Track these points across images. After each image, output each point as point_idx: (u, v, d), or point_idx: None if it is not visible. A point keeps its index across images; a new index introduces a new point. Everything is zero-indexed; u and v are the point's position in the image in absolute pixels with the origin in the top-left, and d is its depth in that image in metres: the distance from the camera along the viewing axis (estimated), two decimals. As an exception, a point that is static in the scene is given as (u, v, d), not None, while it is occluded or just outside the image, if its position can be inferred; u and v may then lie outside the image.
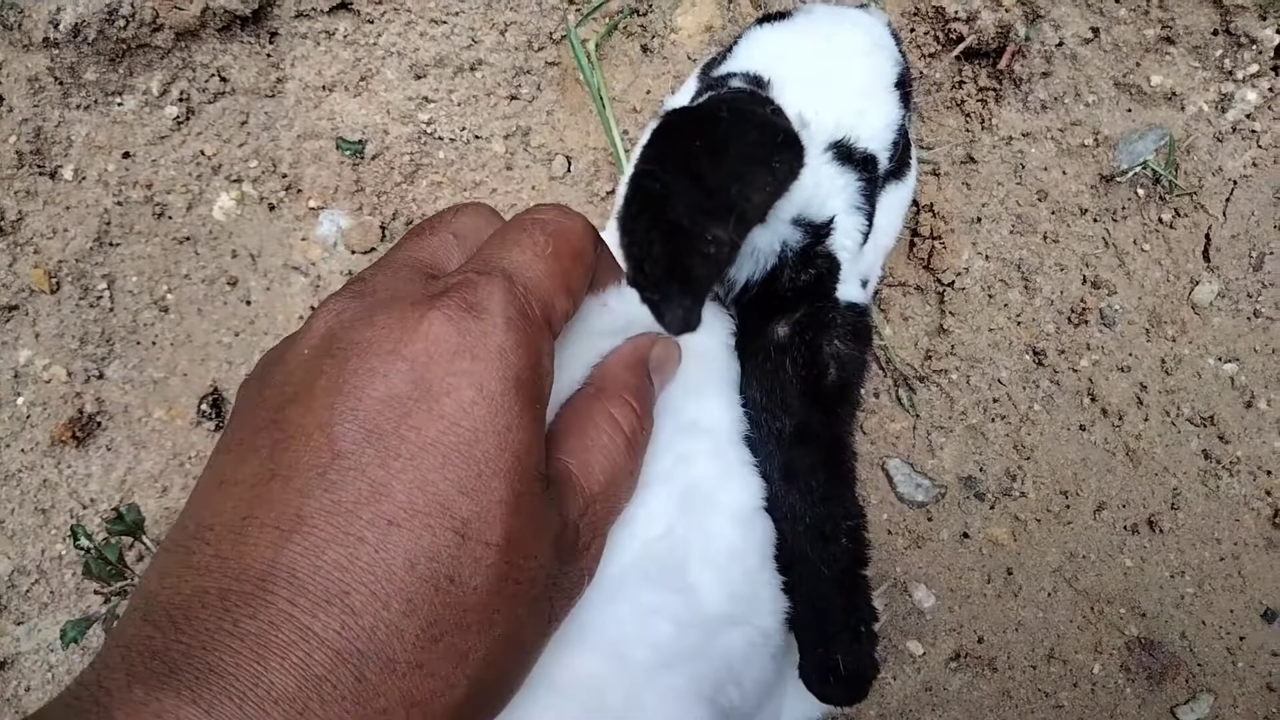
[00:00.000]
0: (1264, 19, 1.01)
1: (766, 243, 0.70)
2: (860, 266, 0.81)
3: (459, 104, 1.08)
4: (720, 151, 0.59)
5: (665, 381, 0.64)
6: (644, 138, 0.80)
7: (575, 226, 0.52)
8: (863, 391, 0.82)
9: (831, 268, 0.73)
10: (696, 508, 0.64)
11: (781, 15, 0.85)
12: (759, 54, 0.81)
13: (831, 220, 0.73)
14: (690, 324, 0.56)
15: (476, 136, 1.09)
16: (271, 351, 0.47)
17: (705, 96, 0.77)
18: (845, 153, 0.76)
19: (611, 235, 0.70)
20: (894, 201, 0.87)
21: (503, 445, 0.42)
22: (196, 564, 0.38)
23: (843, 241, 0.74)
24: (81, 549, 0.91)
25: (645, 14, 1.08)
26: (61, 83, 1.03)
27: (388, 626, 0.38)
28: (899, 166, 0.85)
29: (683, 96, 0.87)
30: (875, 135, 0.78)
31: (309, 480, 0.39)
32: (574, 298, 0.51)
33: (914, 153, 0.91)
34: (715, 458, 0.68)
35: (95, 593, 1.03)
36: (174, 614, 0.36)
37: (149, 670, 0.35)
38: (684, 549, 0.63)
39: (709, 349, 0.72)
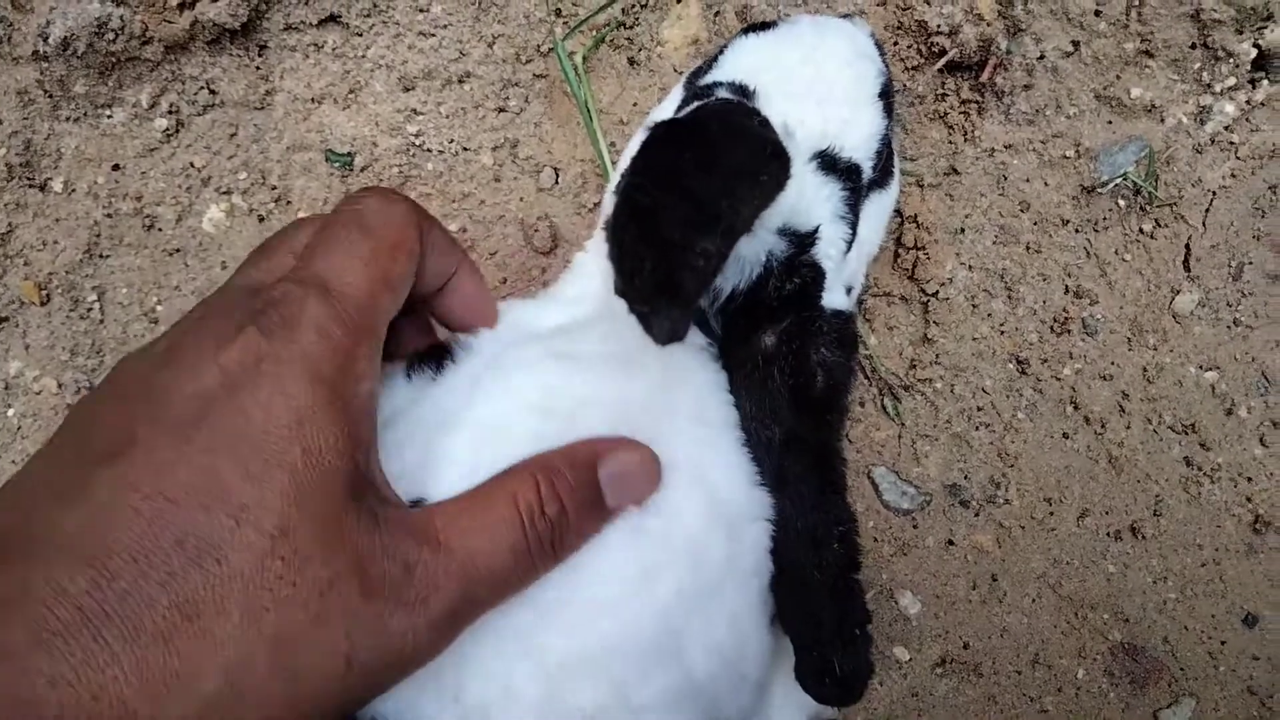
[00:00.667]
0: (1240, 33, 1.03)
1: (752, 252, 0.71)
2: (845, 274, 0.82)
3: (447, 116, 1.09)
4: (709, 164, 0.60)
5: (629, 497, 0.58)
6: (631, 148, 0.81)
7: (394, 216, 0.53)
8: (850, 398, 0.84)
9: (816, 276, 0.74)
10: (701, 600, 0.63)
11: (766, 25, 0.86)
12: (744, 63, 0.82)
13: (816, 229, 0.74)
14: (678, 334, 0.57)
15: (465, 148, 1.10)
16: (119, 362, 0.50)
17: (692, 106, 0.78)
18: (830, 162, 0.77)
19: (598, 245, 0.71)
20: (877, 210, 0.88)
21: (292, 438, 0.43)
22: None
23: (827, 250, 0.75)
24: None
25: (632, 27, 1.09)
26: (51, 95, 1.03)
27: (140, 595, 0.38)
28: (882, 175, 0.87)
29: (668, 105, 0.88)
30: (859, 145, 0.79)
31: (101, 460, 0.41)
32: (397, 290, 0.53)
33: (897, 161, 0.93)
34: (726, 538, 0.66)
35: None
36: None
37: None
38: (680, 632, 0.61)
39: (688, 366, 0.72)
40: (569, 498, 0.54)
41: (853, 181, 0.78)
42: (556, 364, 0.65)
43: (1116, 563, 1.10)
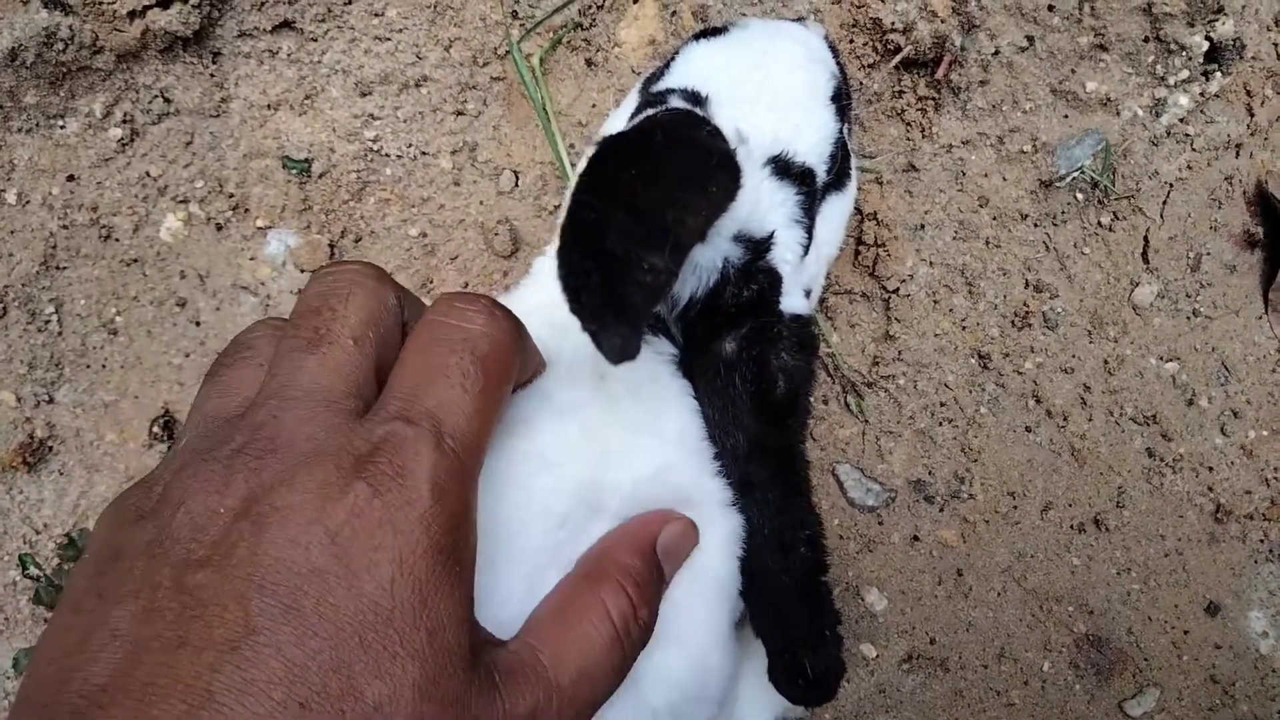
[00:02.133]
0: (1192, 26, 1.04)
1: (708, 260, 0.71)
2: (803, 278, 0.82)
3: (405, 120, 1.09)
4: (655, 178, 0.59)
5: (679, 564, 0.60)
6: (582, 164, 0.81)
7: (504, 339, 0.49)
8: (811, 400, 0.84)
9: (774, 282, 0.74)
10: (662, 635, 0.62)
11: (718, 30, 0.86)
12: (696, 70, 0.82)
13: (772, 235, 0.74)
14: (629, 353, 0.56)
15: (423, 153, 1.09)
16: (157, 472, 0.44)
17: (644, 113, 0.78)
18: (784, 167, 0.77)
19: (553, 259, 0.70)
20: (835, 212, 0.88)
21: (418, 622, 0.40)
22: None
23: (784, 255, 0.75)
24: (31, 578, 0.90)
25: (589, 28, 1.09)
26: (1, 107, 1.02)
27: None
28: (838, 178, 0.87)
29: (624, 111, 0.88)
30: (813, 148, 0.79)
31: (221, 655, 0.37)
32: (496, 424, 0.48)
33: (854, 162, 0.93)
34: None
35: (48, 620, 1.02)
36: None
37: None
38: (636, 680, 0.60)
39: (658, 377, 0.72)
40: (650, 593, 0.54)
41: (807, 185, 0.78)
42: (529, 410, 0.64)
43: (1080, 555, 1.10)
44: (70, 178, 1.07)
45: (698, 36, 0.86)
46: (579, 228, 0.57)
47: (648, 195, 0.58)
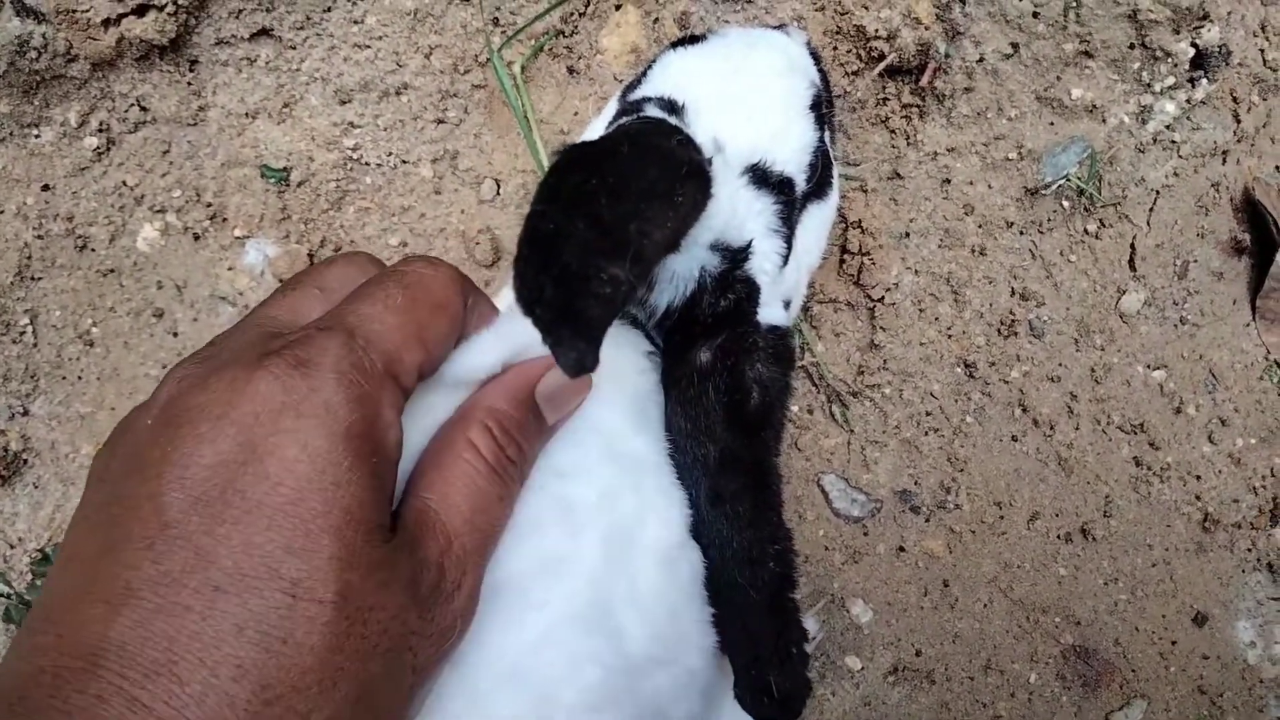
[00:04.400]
0: (1178, 33, 1.03)
1: (685, 268, 0.70)
2: (782, 288, 0.81)
3: (385, 129, 1.08)
4: (618, 188, 0.58)
5: (566, 412, 0.62)
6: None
7: (438, 276, 0.52)
8: (786, 414, 0.83)
9: (751, 292, 0.73)
10: (620, 548, 0.63)
11: (696, 38, 0.85)
12: (673, 78, 0.81)
13: (749, 244, 0.73)
14: (586, 365, 0.55)
15: (404, 161, 1.08)
16: (123, 420, 0.47)
17: (620, 121, 0.77)
18: (762, 176, 0.76)
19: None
20: (816, 222, 0.87)
21: (330, 501, 0.42)
22: (38, 644, 0.38)
23: (762, 265, 0.74)
24: (1, 595, 0.89)
25: (571, 35, 1.07)
26: (-26, 116, 1.01)
27: (217, 693, 0.37)
28: (819, 187, 0.86)
29: (604, 119, 0.87)
30: (791, 157, 0.78)
31: (137, 552, 0.39)
32: (430, 348, 0.51)
33: (836, 171, 0.92)
34: (635, 491, 0.67)
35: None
36: (10, 697, 0.36)
37: None
38: (609, 592, 0.62)
39: (623, 372, 0.71)
40: (521, 432, 0.56)
41: (786, 195, 0.77)
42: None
43: (1067, 565, 1.10)
44: (45, 187, 1.06)
45: (676, 44, 0.85)
46: (535, 239, 0.56)
47: (611, 205, 0.57)
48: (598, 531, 0.61)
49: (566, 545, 0.60)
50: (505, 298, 0.82)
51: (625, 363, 0.73)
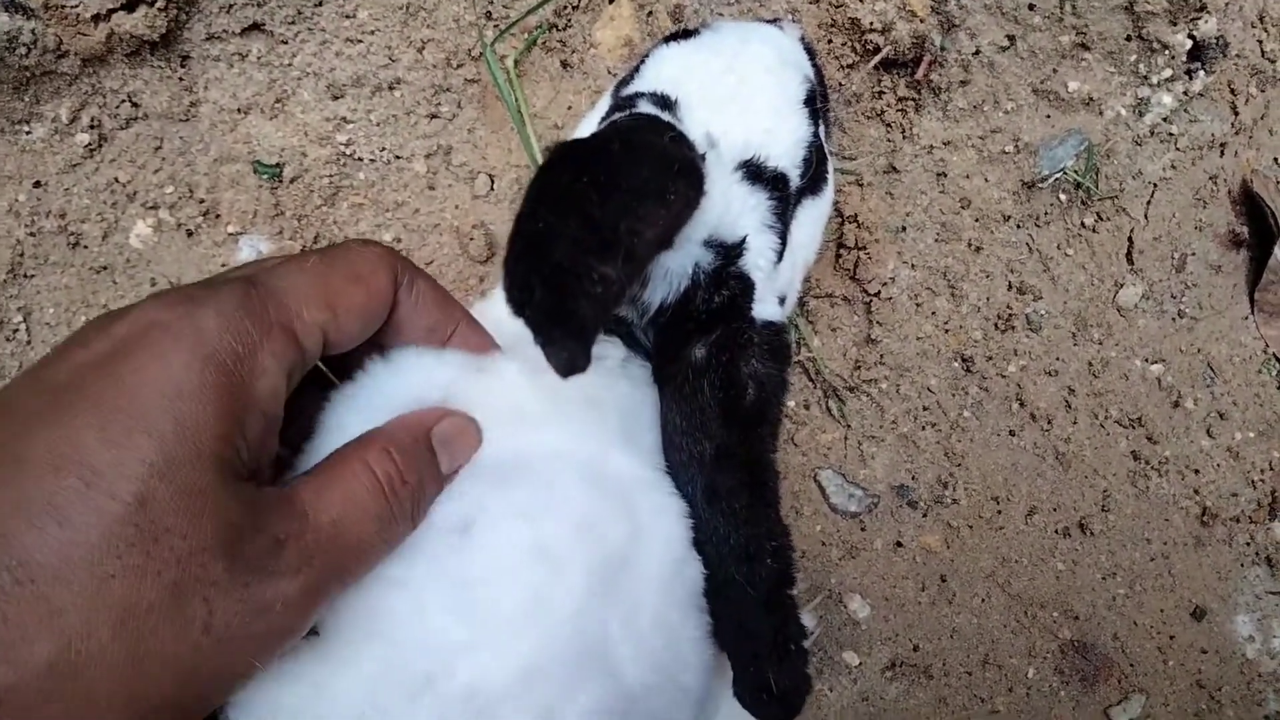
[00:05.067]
0: (1175, 24, 1.02)
1: (679, 265, 0.69)
2: (777, 284, 0.80)
3: (378, 124, 1.07)
4: (609, 186, 0.58)
5: (459, 460, 0.60)
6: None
7: (364, 252, 0.53)
8: (782, 409, 0.82)
9: (745, 288, 0.73)
10: (612, 579, 0.61)
11: (689, 33, 0.85)
12: (666, 73, 0.80)
13: (744, 240, 0.72)
14: (577, 365, 0.54)
15: (397, 156, 1.08)
16: None
17: (613, 117, 0.77)
18: (755, 172, 0.75)
19: None
20: (811, 217, 0.86)
21: (166, 409, 0.42)
22: None
23: (756, 261, 0.74)
24: None
25: (564, 29, 1.07)
26: (-35, 113, 1.01)
27: None
28: (813, 182, 0.85)
29: (596, 114, 0.86)
30: (785, 153, 0.77)
31: None
32: (340, 314, 0.52)
33: (831, 166, 0.91)
34: (626, 515, 0.66)
35: None
36: None
37: None
38: (602, 629, 0.60)
39: (594, 393, 0.70)
40: (414, 467, 0.55)
41: (780, 190, 0.77)
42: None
43: (1065, 560, 1.09)
44: (37, 184, 1.05)
45: (668, 39, 0.85)
46: (525, 238, 0.56)
47: (602, 204, 0.56)
48: (581, 567, 0.60)
49: (548, 588, 0.59)
50: (496, 298, 0.82)
51: (595, 383, 0.71)
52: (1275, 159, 1.15)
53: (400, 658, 0.55)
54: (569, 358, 0.54)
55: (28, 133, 1.04)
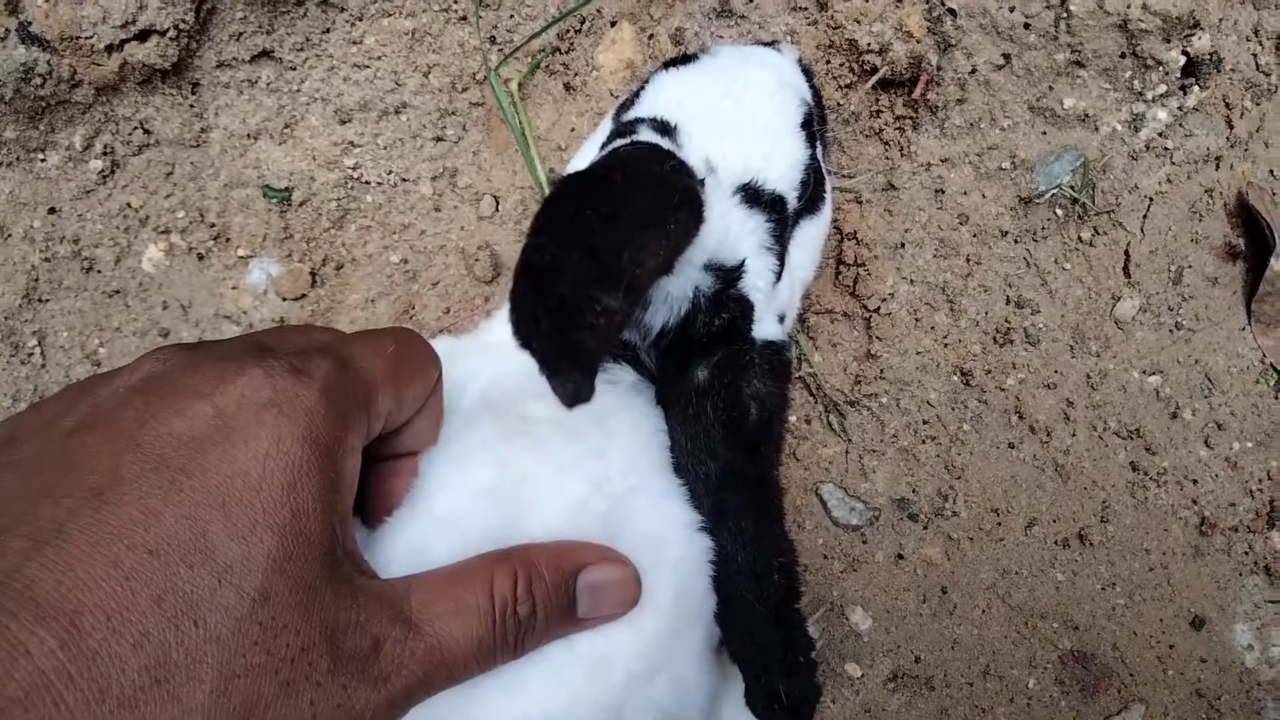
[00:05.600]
0: (1168, 41, 1.04)
1: (679, 289, 0.71)
2: (776, 304, 0.82)
3: (385, 147, 1.09)
4: (611, 217, 0.59)
5: (602, 610, 0.58)
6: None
7: (424, 346, 0.54)
8: (785, 427, 0.84)
9: (745, 309, 0.74)
10: (646, 669, 0.63)
11: (688, 58, 0.86)
12: (665, 98, 0.82)
13: (743, 263, 0.74)
14: (582, 396, 0.56)
15: (404, 179, 1.10)
16: (78, 384, 0.47)
17: (615, 142, 0.78)
18: (754, 195, 0.77)
19: None
20: (809, 236, 0.88)
21: (284, 500, 0.42)
22: None
23: (755, 283, 0.75)
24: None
25: (567, 53, 1.09)
26: (-19, 142, 1.03)
27: (110, 656, 0.36)
28: (811, 202, 0.87)
29: (597, 138, 0.88)
30: (783, 176, 0.79)
31: (81, 499, 0.38)
32: (402, 403, 0.52)
33: (829, 185, 0.93)
34: (669, 602, 0.66)
35: None
36: None
37: None
38: (625, 700, 0.62)
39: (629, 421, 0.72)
40: (543, 600, 0.53)
41: (778, 212, 0.78)
42: (496, 443, 0.65)
43: (1065, 571, 1.10)
44: (51, 210, 1.07)
45: (668, 64, 0.86)
46: (532, 271, 0.57)
47: (604, 235, 0.58)
48: (632, 659, 0.62)
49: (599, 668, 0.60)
50: (502, 317, 0.84)
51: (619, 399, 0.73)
52: (1271, 171, 1.16)
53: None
54: (574, 389, 0.55)
55: (42, 160, 1.06)
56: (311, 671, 0.42)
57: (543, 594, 0.53)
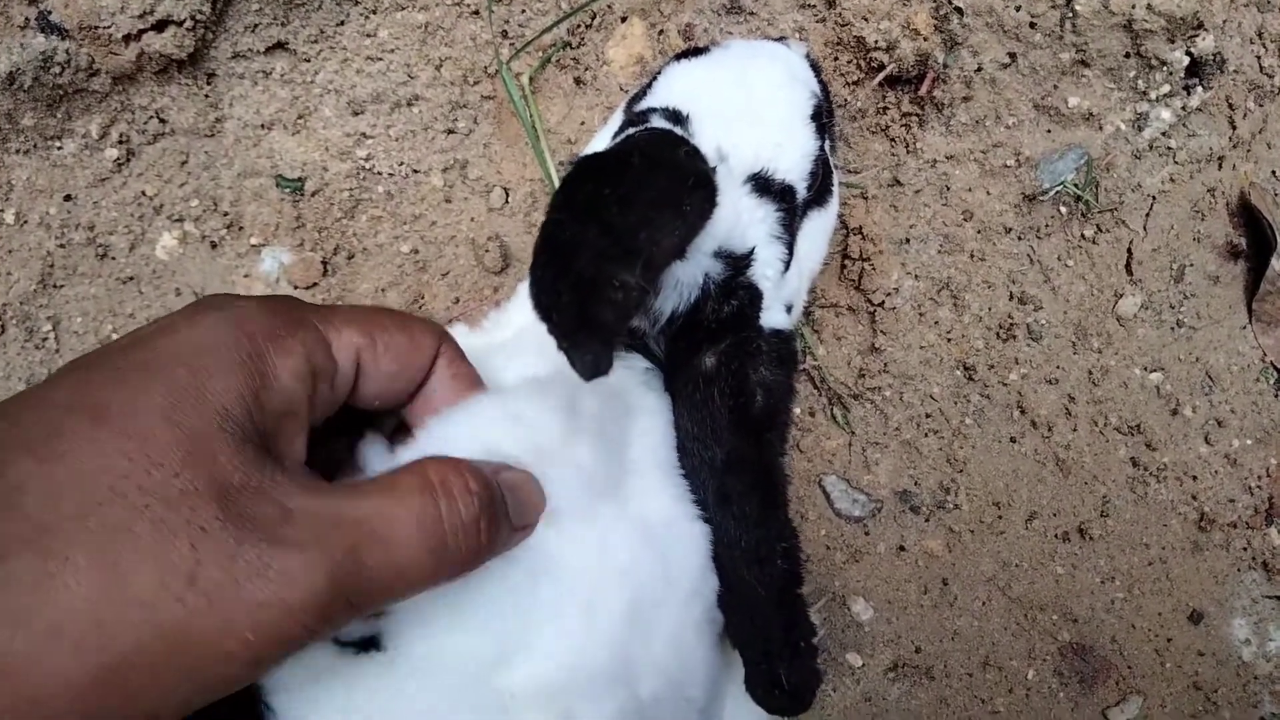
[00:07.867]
0: (1173, 41, 1.05)
1: (689, 275, 0.72)
2: (784, 293, 0.83)
3: (397, 139, 1.10)
4: (630, 197, 0.61)
5: (523, 520, 0.58)
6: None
7: (420, 317, 0.57)
8: (790, 415, 0.85)
9: (754, 298, 0.76)
10: (641, 619, 0.64)
11: (699, 51, 0.88)
12: (678, 89, 0.83)
13: (752, 251, 0.75)
14: (601, 369, 0.58)
15: (415, 170, 1.11)
16: None
17: (627, 132, 0.80)
18: (764, 184, 0.78)
19: None
20: (817, 228, 0.89)
21: (181, 359, 0.46)
22: None
23: (764, 271, 0.77)
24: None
25: (578, 47, 1.10)
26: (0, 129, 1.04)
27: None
28: (820, 194, 0.88)
29: (609, 129, 0.89)
30: (793, 166, 0.80)
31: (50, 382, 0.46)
32: (379, 347, 0.55)
33: (837, 178, 0.94)
34: (661, 561, 0.68)
35: None
36: None
37: None
38: (629, 649, 0.63)
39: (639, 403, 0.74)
40: (481, 490, 0.52)
41: (787, 202, 0.79)
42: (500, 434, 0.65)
43: (1065, 564, 1.12)
44: (67, 197, 1.09)
45: (680, 57, 0.88)
46: (552, 246, 0.59)
47: (622, 214, 0.59)
48: (624, 601, 0.63)
49: (597, 608, 0.62)
50: (517, 305, 0.85)
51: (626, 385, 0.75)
52: (1273, 172, 1.18)
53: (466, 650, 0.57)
54: (593, 361, 0.57)
55: (59, 148, 1.07)
56: (193, 516, 0.41)
57: (480, 484, 0.52)
